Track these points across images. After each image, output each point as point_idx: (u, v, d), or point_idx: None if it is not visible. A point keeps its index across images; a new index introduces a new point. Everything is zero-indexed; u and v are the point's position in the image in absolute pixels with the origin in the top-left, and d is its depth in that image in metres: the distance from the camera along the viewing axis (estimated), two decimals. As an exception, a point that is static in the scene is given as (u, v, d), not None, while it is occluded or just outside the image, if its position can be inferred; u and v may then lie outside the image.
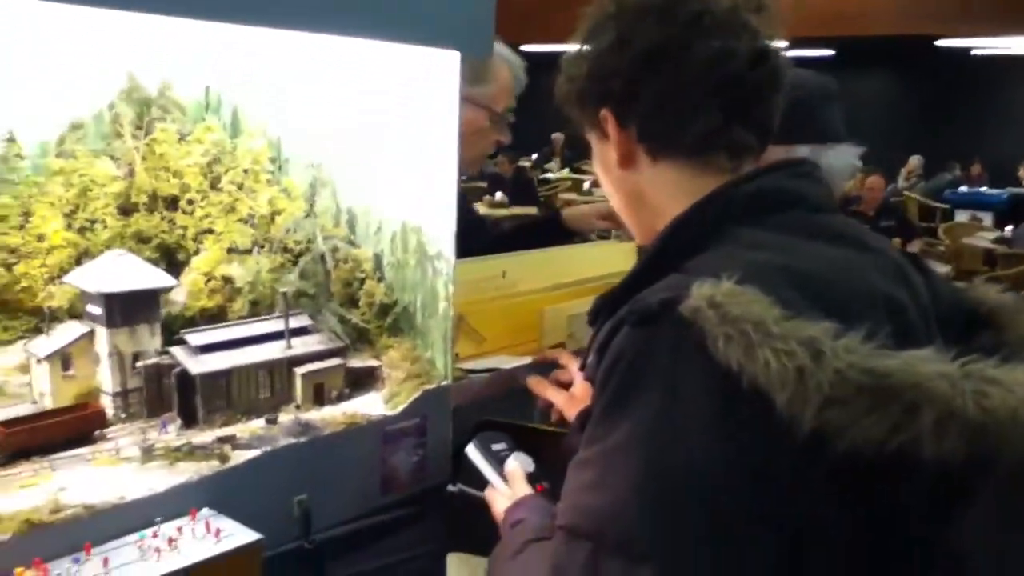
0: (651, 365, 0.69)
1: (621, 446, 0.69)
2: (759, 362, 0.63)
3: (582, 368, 0.97)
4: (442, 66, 1.21)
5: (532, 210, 7.97)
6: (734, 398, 0.65)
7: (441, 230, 1.29)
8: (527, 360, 1.56)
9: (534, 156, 11.70)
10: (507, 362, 1.54)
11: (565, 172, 11.09)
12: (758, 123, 0.85)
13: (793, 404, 0.63)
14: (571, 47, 0.91)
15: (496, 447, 1.03)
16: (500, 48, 1.89)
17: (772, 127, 0.87)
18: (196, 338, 1.17)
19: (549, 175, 10.62)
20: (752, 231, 0.77)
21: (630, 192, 0.90)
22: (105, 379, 1.12)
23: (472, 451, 1.03)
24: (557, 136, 12.47)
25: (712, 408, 0.66)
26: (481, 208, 7.83)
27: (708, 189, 0.82)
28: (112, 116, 1.33)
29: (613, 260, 2.36)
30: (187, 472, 1.00)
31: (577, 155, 12.28)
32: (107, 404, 1.13)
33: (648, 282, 0.76)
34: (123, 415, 1.14)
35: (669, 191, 0.86)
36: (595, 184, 10.06)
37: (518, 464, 0.97)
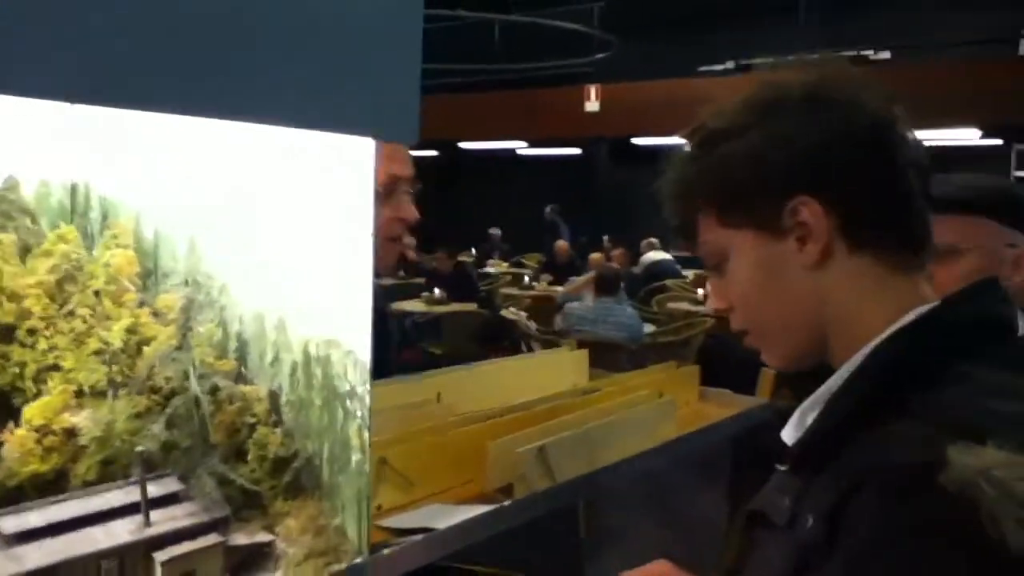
0: (917, 552, 0.60)
1: None
2: None
3: (789, 525, 0.75)
4: (353, 154, 0.96)
5: (472, 306, 7.72)
6: None
7: (352, 360, 1.02)
8: (465, 511, 1.27)
9: (473, 251, 11.54)
10: (443, 514, 1.25)
11: (505, 266, 10.94)
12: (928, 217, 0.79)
13: None
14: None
15: None
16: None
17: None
18: (11, 523, 0.86)
19: (489, 270, 10.44)
20: (980, 368, 0.68)
21: (806, 299, 0.78)
22: None
23: None
24: (494, 231, 12.39)
25: None
26: (419, 305, 7.56)
27: (903, 289, 0.76)
28: (-66, 223, 1.05)
29: (564, 373, 2.10)
30: None
31: (515, 249, 12.21)
32: None
33: (858, 425, 0.68)
34: (-98, 637, 0.82)
35: (866, 292, 0.76)
36: (534, 279, 9.89)
37: None
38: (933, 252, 0.80)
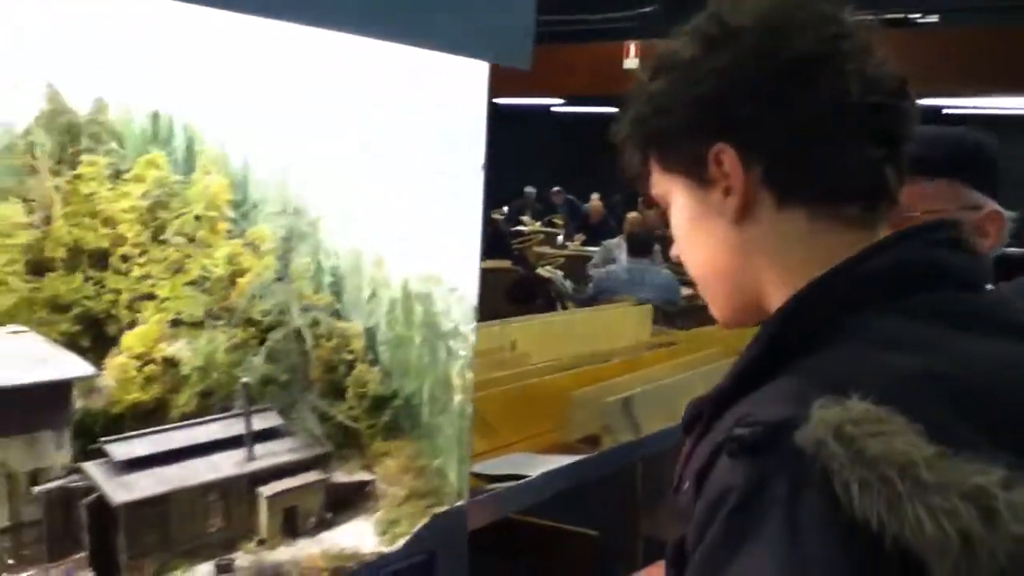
0: (762, 511, 0.55)
1: None
2: (909, 521, 0.51)
3: (675, 491, 0.73)
4: (465, 79, 0.91)
5: (506, 263, 7.70)
6: (875, 561, 0.52)
7: (457, 297, 0.98)
8: (554, 460, 1.24)
9: (505, 209, 11.48)
10: (531, 463, 1.22)
11: (537, 225, 10.88)
12: (900, 165, 0.70)
13: None
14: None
15: None
16: None
17: (905, 173, 0.72)
18: (120, 449, 0.84)
19: (522, 228, 10.39)
20: (884, 319, 0.62)
21: (734, 253, 0.72)
22: (-14, 511, 0.79)
23: None
24: (529, 190, 12.30)
25: (846, 571, 0.53)
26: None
27: (846, 245, 0.67)
28: (26, 145, 1.02)
29: (628, 327, 2.06)
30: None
31: (548, 208, 12.13)
32: (-12, 546, 0.79)
33: (754, 384, 0.61)
34: (13, 561, 0.80)
35: (797, 249, 0.69)
36: (568, 237, 9.83)
37: None
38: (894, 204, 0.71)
